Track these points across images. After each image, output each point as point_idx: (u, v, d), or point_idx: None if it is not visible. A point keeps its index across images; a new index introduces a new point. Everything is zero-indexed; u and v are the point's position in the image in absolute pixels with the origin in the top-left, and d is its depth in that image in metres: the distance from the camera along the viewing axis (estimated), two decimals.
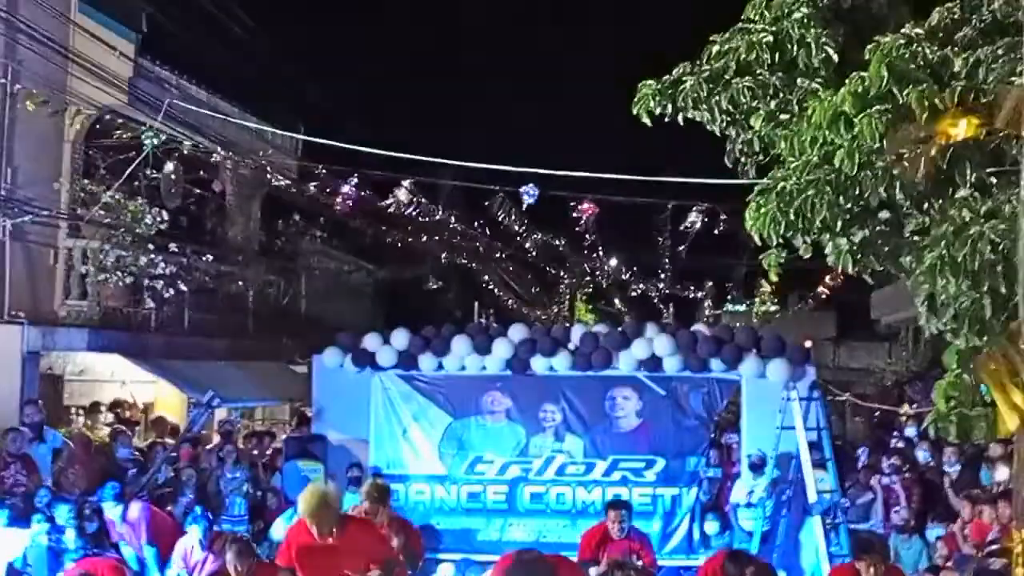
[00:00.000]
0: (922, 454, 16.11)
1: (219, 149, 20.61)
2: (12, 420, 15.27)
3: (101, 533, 12.04)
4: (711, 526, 14.46)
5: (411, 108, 38.64)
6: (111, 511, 12.36)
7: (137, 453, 15.92)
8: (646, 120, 8.21)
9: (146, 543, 12.37)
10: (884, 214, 7.69)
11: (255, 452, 17.00)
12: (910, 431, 18.06)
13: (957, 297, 7.09)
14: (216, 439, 18.01)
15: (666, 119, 8.25)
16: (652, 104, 8.22)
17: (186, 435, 16.51)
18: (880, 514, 14.71)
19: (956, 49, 7.46)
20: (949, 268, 6.94)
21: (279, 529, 12.57)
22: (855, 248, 7.89)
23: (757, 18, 8.29)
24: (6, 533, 11.60)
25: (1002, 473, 13.67)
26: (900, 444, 17.39)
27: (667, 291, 39.97)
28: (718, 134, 8.34)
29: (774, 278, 8.47)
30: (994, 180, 7.26)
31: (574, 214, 20.16)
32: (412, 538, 11.30)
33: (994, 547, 11.63)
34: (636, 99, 8.27)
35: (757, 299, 41.88)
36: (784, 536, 14.21)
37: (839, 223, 7.50)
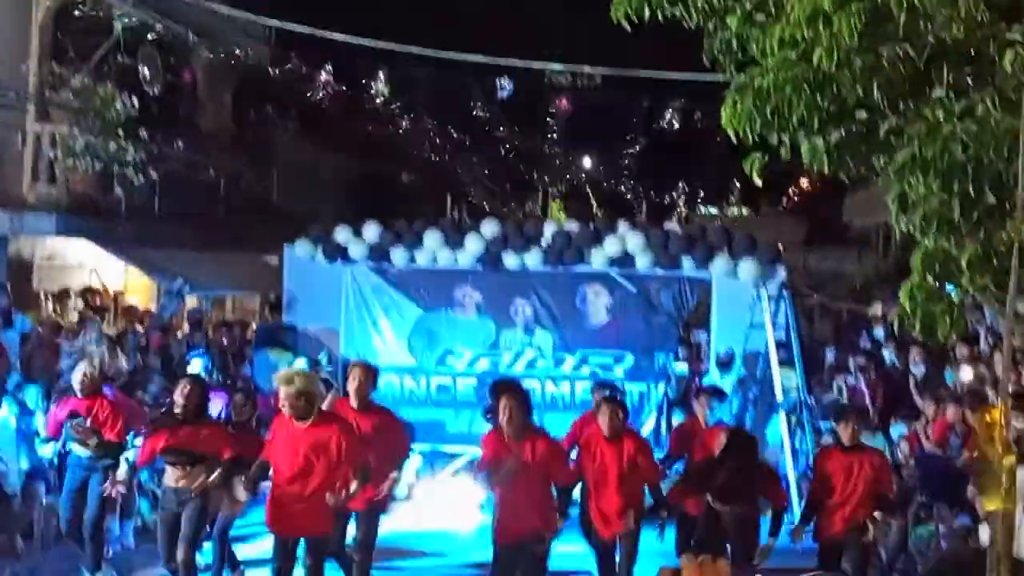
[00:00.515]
0: (888, 354, 16.30)
1: (190, 34, 20.35)
2: None
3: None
4: (678, 422, 14.59)
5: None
6: None
7: (106, 339, 15.88)
8: (625, 25, 8.10)
9: None
10: (861, 114, 7.63)
11: (225, 341, 17.00)
12: (878, 332, 18.24)
13: (926, 197, 7.09)
14: (186, 327, 18.01)
15: (645, 20, 8.13)
16: (630, 7, 8.10)
17: (155, 323, 16.49)
18: None
19: None
20: (920, 168, 6.93)
21: None
22: (831, 148, 7.85)
23: None
24: None
25: (966, 373, 13.87)
26: (867, 345, 17.57)
27: (640, 191, 40.02)
28: (695, 29, 8.23)
29: (758, 182, 8.42)
30: (970, 81, 7.23)
31: (551, 109, 20.07)
32: (396, 434, 11.09)
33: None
34: (616, 2, 8.15)
35: (730, 203, 42.03)
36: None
37: (816, 122, 7.45)
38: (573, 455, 10.58)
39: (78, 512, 10.79)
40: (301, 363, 13.45)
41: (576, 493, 10.61)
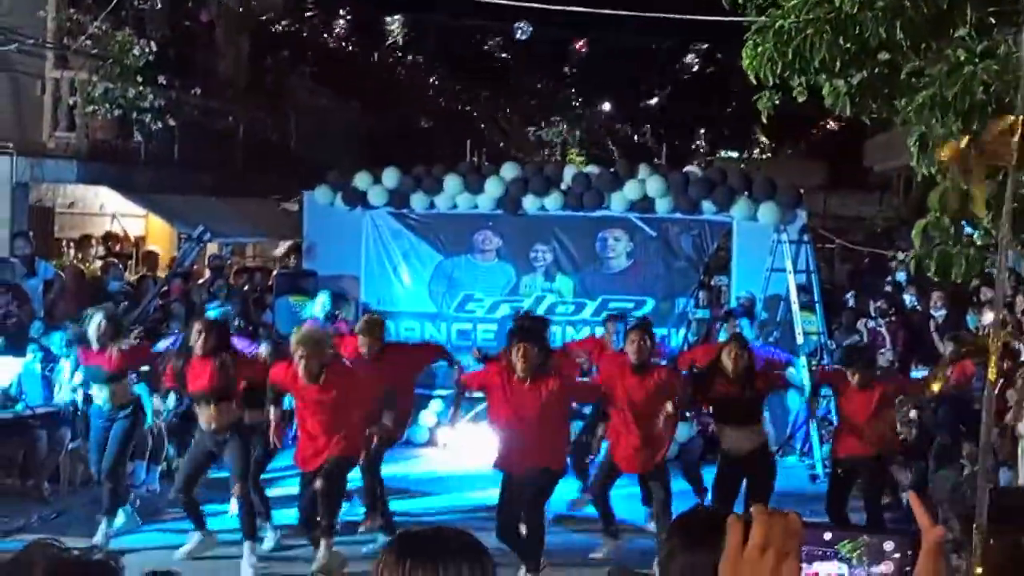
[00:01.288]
0: (908, 298, 16.26)
1: None
2: (2, 251, 15.30)
3: None
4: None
5: None
6: None
7: (128, 286, 15.97)
8: None
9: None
10: (883, 55, 7.59)
11: (246, 288, 17.05)
12: (899, 276, 18.17)
13: (947, 137, 7.07)
14: (207, 274, 18.07)
15: None
16: None
17: (176, 269, 16.56)
18: None
19: None
20: (940, 108, 6.89)
21: None
22: (853, 90, 7.81)
23: None
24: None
25: (988, 317, 13.82)
26: (888, 289, 17.52)
27: (660, 134, 39.77)
28: None
29: (765, 120, 8.39)
30: (993, 20, 7.16)
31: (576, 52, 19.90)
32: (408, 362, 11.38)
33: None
34: None
35: (750, 146, 41.79)
36: None
37: (837, 64, 7.40)
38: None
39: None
40: (323, 298, 13.45)
41: None
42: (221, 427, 10.05)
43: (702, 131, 42.13)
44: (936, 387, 10.94)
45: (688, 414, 11.54)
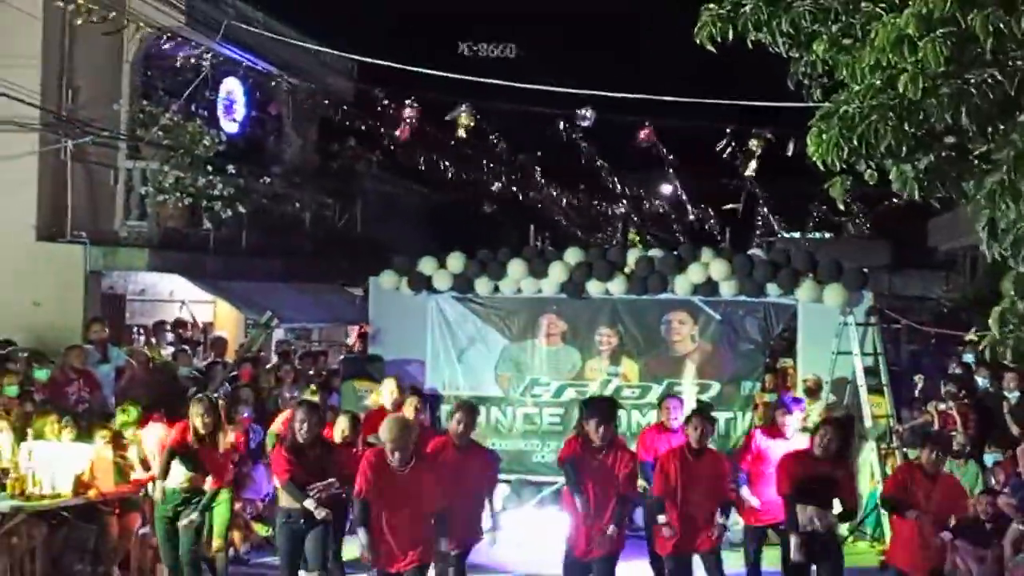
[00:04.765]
0: (981, 380, 16.06)
1: (276, 71, 20.67)
2: (75, 338, 15.57)
3: None
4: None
5: (469, 32, 38.33)
6: None
7: (197, 372, 16.16)
8: (710, 47, 8.11)
9: None
10: (949, 139, 7.60)
11: (311, 372, 17.19)
12: (968, 357, 17.97)
13: (1016, 222, 7.03)
14: (274, 359, 18.24)
15: (728, 43, 8.15)
16: (714, 30, 8.12)
17: (245, 355, 16.74)
18: None
19: None
20: (1009, 193, 6.88)
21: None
22: (921, 174, 7.81)
23: None
24: (72, 447, 11.83)
25: None
26: (957, 370, 17.33)
27: (724, 217, 39.74)
28: (783, 55, 8.22)
29: (841, 207, 8.42)
30: None
31: (639, 139, 19.98)
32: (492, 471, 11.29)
33: None
34: (698, 25, 8.17)
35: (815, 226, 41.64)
36: None
37: (904, 149, 7.41)
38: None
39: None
40: (391, 385, 13.39)
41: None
42: (308, 512, 10.14)
43: (764, 210, 42.00)
44: None
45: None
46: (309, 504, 10.13)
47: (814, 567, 10.23)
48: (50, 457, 11.55)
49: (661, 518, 10.39)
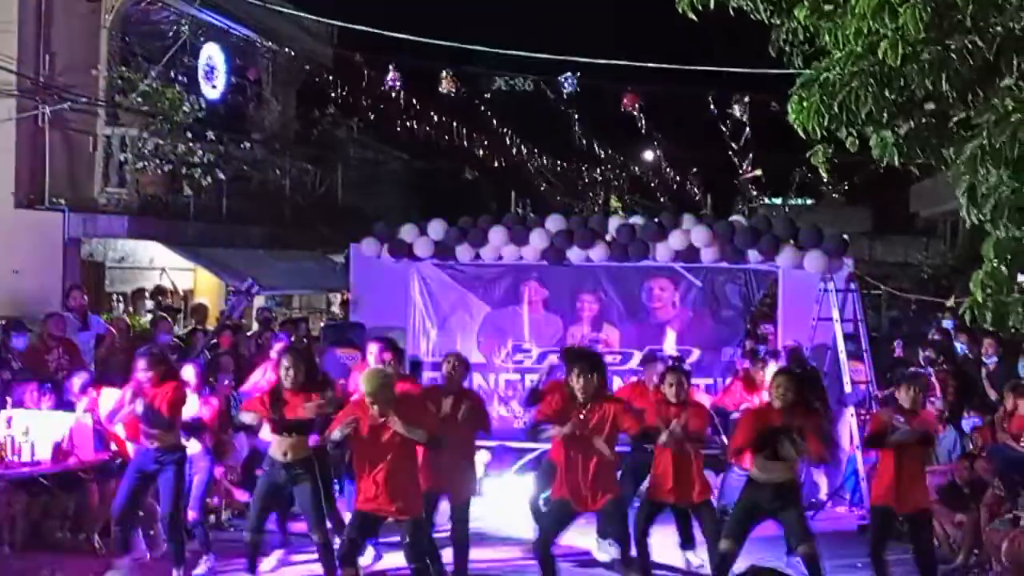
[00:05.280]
0: (959, 346, 16.13)
1: (255, 36, 20.55)
2: (55, 305, 15.51)
3: None
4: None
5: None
6: None
7: (177, 340, 16.13)
8: (692, 15, 8.08)
9: None
10: (930, 106, 7.59)
11: (292, 339, 17.16)
12: (947, 323, 18.04)
13: (997, 187, 7.04)
14: (255, 327, 18.21)
15: (711, 8, 8.11)
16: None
17: (225, 322, 16.70)
18: None
19: None
20: (990, 158, 6.86)
21: None
22: (901, 141, 7.81)
23: None
24: (51, 416, 11.81)
25: None
26: (937, 337, 17.40)
27: (705, 183, 39.82)
28: (765, 22, 8.19)
29: (824, 174, 8.42)
30: None
31: (622, 105, 19.95)
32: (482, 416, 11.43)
33: None
34: None
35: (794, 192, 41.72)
36: None
37: (884, 115, 7.40)
38: None
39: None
40: (374, 349, 13.35)
41: None
42: (297, 459, 10.15)
43: (746, 176, 42.10)
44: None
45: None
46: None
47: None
48: (29, 424, 11.52)
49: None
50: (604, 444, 9.56)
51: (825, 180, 36.87)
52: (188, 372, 11.72)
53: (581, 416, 9.55)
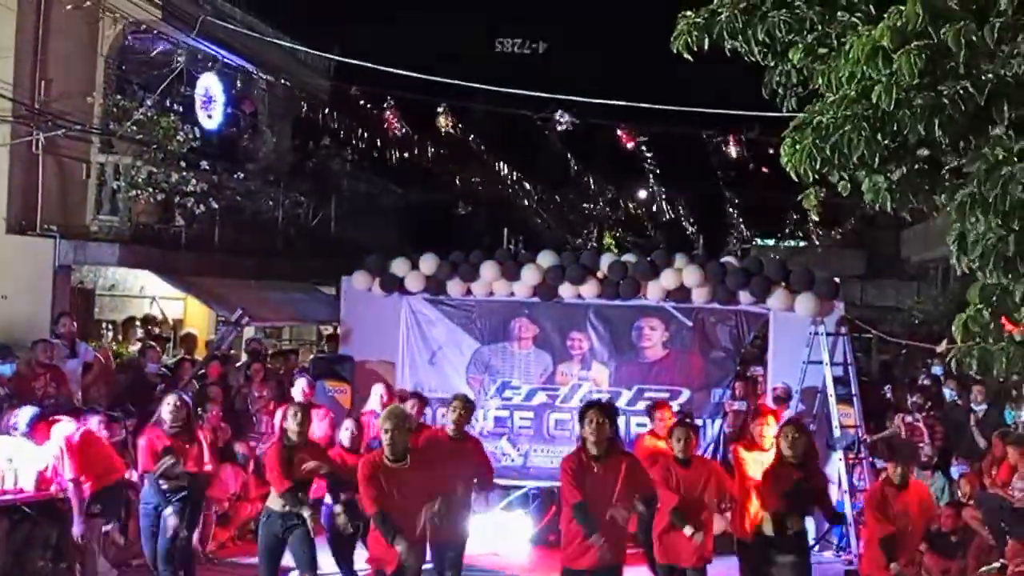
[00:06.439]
0: (948, 392, 16.12)
1: (252, 68, 20.57)
2: (44, 332, 15.44)
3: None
4: None
5: (445, 33, 38.32)
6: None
7: (165, 369, 16.08)
8: (687, 56, 8.11)
9: None
10: (922, 152, 7.61)
11: (281, 371, 17.12)
12: (936, 369, 18.03)
13: (985, 234, 7.06)
14: (244, 357, 18.15)
15: (705, 51, 8.14)
16: (690, 39, 8.11)
17: (214, 352, 16.65)
18: None
19: None
20: (980, 206, 6.89)
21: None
22: (893, 186, 7.83)
23: None
24: (35, 445, 11.72)
25: None
26: (926, 382, 17.39)
27: (698, 223, 39.90)
28: (759, 63, 8.22)
29: (815, 217, 8.44)
30: None
31: (622, 140, 20.00)
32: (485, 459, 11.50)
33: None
34: (675, 34, 8.16)
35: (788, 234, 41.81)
36: None
37: (877, 160, 7.41)
38: None
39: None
40: (381, 391, 13.54)
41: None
42: (294, 511, 10.22)
43: (737, 217, 42.21)
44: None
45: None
46: (306, 513, 10.25)
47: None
48: (12, 453, 11.45)
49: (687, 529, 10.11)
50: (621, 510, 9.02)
51: (816, 223, 36.96)
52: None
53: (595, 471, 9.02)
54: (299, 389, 13.30)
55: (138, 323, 18.51)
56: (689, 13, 8.04)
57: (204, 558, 13.02)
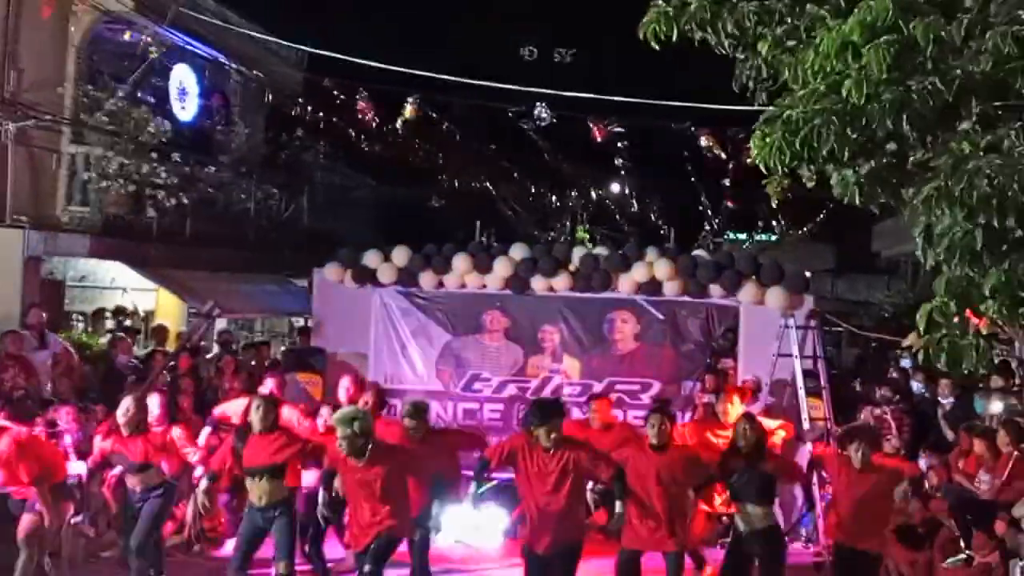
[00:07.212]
0: (916, 385, 16.21)
1: (225, 59, 20.51)
2: (13, 323, 15.38)
3: None
4: None
5: (420, 25, 38.26)
6: None
7: (136, 361, 16.02)
8: (654, 45, 8.13)
9: None
10: (891, 146, 7.66)
11: (253, 363, 17.08)
12: (905, 362, 18.13)
13: (951, 228, 7.13)
14: (216, 349, 18.11)
15: (673, 41, 8.16)
16: (659, 28, 8.13)
17: (185, 344, 16.60)
18: None
19: None
20: (946, 200, 6.95)
21: None
22: (861, 180, 7.88)
23: None
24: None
25: (996, 406, 13.80)
26: (894, 375, 17.48)
27: (670, 216, 39.93)
28: (729, 56, 8.26)
29: (775, 204, 8.50)
30: (999, 113, 7.24)
31: (595, 134, 20.02)
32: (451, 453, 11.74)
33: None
34: (643, 23, 8.19)
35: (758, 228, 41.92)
36: None
37: (846, 154, 7.46)
38: None
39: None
40: (347, 383, 13.63)
41: None
42: (272, 503, 10.28)
43: (709, 211, 42.28)
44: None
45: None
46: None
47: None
48: None
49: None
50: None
51: (780, 211, 37.08)
52: (153, 403, 11.75)
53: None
54: (267, 389, 13.24)
55: (108, 315, 18.42)
56: (661, 3, 8.07)
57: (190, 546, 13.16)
